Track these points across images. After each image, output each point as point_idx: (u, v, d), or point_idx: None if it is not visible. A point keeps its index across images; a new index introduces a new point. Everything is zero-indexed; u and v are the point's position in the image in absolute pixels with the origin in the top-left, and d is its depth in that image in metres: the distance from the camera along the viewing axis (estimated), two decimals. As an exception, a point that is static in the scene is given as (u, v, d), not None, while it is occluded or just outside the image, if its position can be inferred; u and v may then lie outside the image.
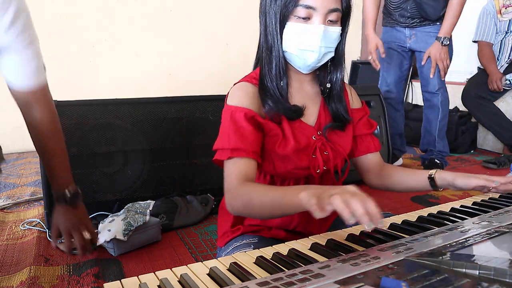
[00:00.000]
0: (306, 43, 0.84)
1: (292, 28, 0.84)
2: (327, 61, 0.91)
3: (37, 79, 1.03)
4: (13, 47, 0.96)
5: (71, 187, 1.11)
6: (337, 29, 0.86)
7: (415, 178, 0.99)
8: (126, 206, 1.51)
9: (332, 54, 0.88)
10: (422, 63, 2.17)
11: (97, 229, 1.41)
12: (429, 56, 2.13)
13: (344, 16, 0.87)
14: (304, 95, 0.94)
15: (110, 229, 1.38)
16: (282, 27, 0.85)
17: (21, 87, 1.02)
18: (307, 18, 0.83)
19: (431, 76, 2.15)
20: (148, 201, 1.56)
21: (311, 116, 0.93)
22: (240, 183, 0.81)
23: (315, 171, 0.91)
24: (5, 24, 0.93)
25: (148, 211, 1.48)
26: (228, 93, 0.93)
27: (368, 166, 1.05)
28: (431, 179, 0.94)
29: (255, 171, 0.85)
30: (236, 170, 0.83)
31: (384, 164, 1.06)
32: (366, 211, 0.57)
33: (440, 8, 2.11)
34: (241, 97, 0.88)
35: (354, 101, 1.02)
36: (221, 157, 0.84)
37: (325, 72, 0.94)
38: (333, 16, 0.83)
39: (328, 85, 0.93)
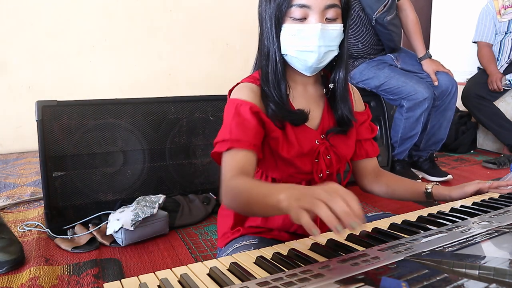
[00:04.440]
0: (303, 44, 0.82)
1: (287, 29, 0.82)
2: (332, 61, 0.89)
3: None
4: None
5: None
6: (337, 27, 0.82)
7: (411, 190, 1.00)
8: (137, 199, 1.54)
9: (336, 53, 0.86)
10: (435, 84, 2.15)
11: (108, 220, 1.47)
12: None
13: (344, 13, 0.85)
14: (308, 98, 0.92)
15: (119, 218, 1.43)
16: (278, 30, 0.83)
17: None
18: (303, 19, 0.80)
19: (436, 83, 2.16)
20: (159, 195, 1.59)
21: (314, 120, 0.92)
22: (233, 175, 0.77)
23: (317, 175, 0.91)
24: None
25: (157, 204, 1.52)
26: (230, 91, 0.91)
27: (364, 171, 1.05)
28: (428, 193, 0.96)
29: (254, 164, 0.81)
30: (232, 163, 0.79)
31: (380, 170, 1.06)
32: (349, 210, 0.52)
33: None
34: (247, 94, 0.86)
35: (357, 103, 1.01)
36: (221, 149, 0.81)
37: (329, 73, 0.93)
38: (331, 13, 0.81)
39: (331, 86, 0.91)
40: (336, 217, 0.52)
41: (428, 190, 0.96)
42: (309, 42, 0.81)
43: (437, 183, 0.98)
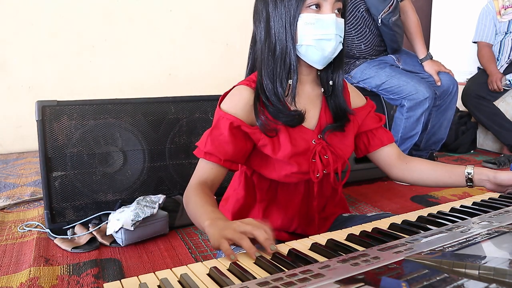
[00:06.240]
0: (322, 32, 0.84)
1: (306, 19, 0.84)
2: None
3: None
4: None
5: None
6: (342, 20, 0.87)
7: (448, 173, 0.95)
8: (137, 199, 1.54)
9: (341, 46, 0.88)
10: (438, 84, 2.16)
11: (108, 220, 1.47)
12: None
13: (343, 9, 0.88)
14: (305, 97, 0.92)
15: (119, 218, 1.43)
16: (294, 21, 0.84)
17: None
18: (318, 7, 0.84)
19: (439, 84, 2.16)
20: (159, 195, 1.59)
21: (311, 120, 0.92)
22: (195, 183, 0.88)
23: (314, 175, 0.91)
24: None
25: (157, 204, 1.52)
26: (224, 93, 0.92)
27: (388, 160, 1.02)
28: (468, 174, 0.91)
29: (220, 177, 0.90)
30: (200, 171, 0.90)
31: (407, 157, 1.03)
32: (268, 236, 0.64)
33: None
34: (235, 103, 0.88)
35: (355, 99, 1.01)
36: (197, 154, 0.91)
37: (327, 71, 0.93)
38: (338, 5, 0.85)
39: (331, 83, 0.92)
40: (259, 243, 0.64)
41: (470, 176, 0.91)
42: (327, 31, 0.84)
43: (473, 166, 0.93)
